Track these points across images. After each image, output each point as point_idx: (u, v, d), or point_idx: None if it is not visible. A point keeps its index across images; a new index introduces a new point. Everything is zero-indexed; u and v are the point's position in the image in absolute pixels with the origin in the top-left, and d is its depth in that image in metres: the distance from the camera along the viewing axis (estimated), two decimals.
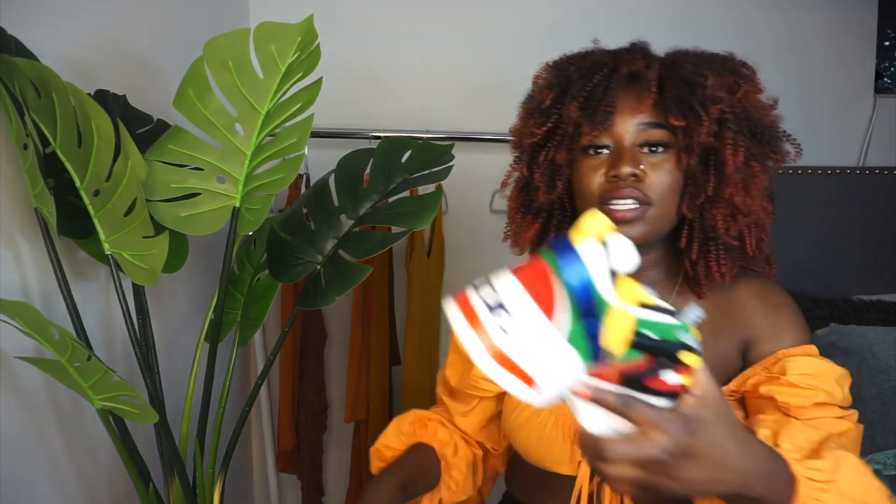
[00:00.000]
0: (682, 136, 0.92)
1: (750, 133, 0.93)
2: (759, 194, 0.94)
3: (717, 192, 0.92)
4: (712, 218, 0.94)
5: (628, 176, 0.90)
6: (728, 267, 0.96)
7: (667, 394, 0.63)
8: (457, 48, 1.91)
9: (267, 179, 1.23)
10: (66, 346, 0.99)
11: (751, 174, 0.93)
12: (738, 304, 0.97)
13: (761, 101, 0.96)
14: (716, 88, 0.91)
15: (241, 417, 1.32)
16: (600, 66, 0.95)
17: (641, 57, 0.95)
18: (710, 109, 0.90)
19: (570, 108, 0.94)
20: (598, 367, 0.61)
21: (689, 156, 0.92)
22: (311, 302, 1.29)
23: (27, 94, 1.00)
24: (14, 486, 1.12)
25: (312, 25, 1.15)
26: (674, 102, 0.91)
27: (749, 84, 0.95)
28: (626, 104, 0.93)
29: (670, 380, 0.62)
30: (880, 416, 1.52)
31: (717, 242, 0.95)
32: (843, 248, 1.91)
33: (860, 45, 1.94)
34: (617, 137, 0.93)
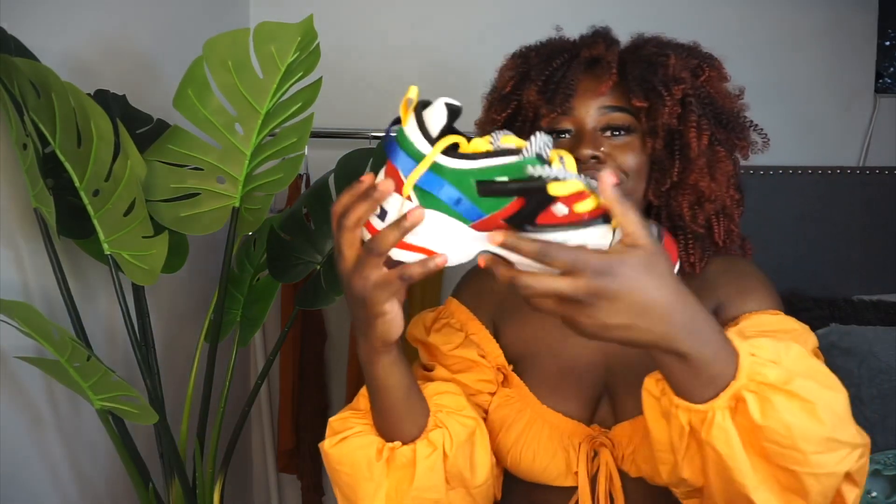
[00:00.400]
0: (646, 118, 0.90)
1: (714, 118, 0.92)
2: (725, 180, 0.92)
3: (682, 178, 0.91)
4: (678, 205, 0.92)
5: (588, 158, 0.88)
6: (697, 256, 0.94)
7: (589, 222, 0.64)
8: (457, 48, 1.91)
9: (267, 179, 1.23)
10: (66, 346, 0.99)
11: (715, 159, 0.91)
12: (707, 281, 0.95)
13: (726, 88, 0.95)
14: (678, 69, 0.90)
15: (241, 417, 1.32)
16: (561, 52, 0.94)
17: (602, 41, 0.94)
18: (672, 90, 0.89)
19: (529, 93, 0.92)
20: (479, 223, 0.66)
21: (654, 139, 0.90)
22: (311, 302, 1.29)
23: (27, 94, 1.00)
24: (13, 487, 1.12)
25: (312, 25, 1.15)
26: (636, 83, 0.89)
27: (713, 70, 0.93)
28: (587, 87, 0.91)
29: (560, 211, 0.64)
30: (880, 417, 1.52)
31: (685, 231, 0.94)
32: (843, 248, 1.91)
33: (860, 45, 1.94)
34: (578, 121, 0.91)
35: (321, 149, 1.81)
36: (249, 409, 1.33)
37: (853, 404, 0.88)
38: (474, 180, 0.65)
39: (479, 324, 1.03)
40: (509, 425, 0.96)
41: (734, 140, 0.93)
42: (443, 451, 0.85)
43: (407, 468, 0.84)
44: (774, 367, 0.68)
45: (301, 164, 1.26)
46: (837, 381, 0.71)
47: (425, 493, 0.84)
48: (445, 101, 0.66)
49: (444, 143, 0.65)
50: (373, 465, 0.84)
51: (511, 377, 0.99)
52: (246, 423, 1.34)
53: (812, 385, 0.67)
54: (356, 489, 0.85)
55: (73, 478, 1.26)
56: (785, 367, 0.68)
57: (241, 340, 1.42)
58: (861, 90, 1.96)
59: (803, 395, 0.66)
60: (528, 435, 0.94)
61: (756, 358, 0.68)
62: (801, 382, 0.67)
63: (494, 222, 0.66)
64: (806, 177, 1.90)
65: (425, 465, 0.84)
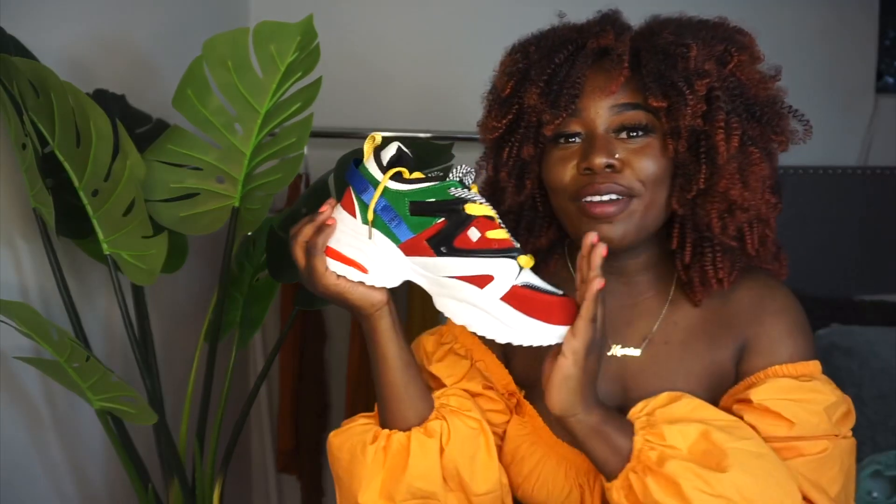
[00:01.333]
0: (666, 117, 0.79)
1: (746, 112, 0.81)
2: (760, 185, 0.81)
3: (709, 185, 0.80)
4: (706, 215, 0.81)
5: (602, 168, 0.79)
6: (726, 271, 0.84)
7: (498, 252, 0.74)
8: (457, 48, 1.90)
9: (266, 179, 1.22)
10: (65, 347, 0.99)
11: (748, 162, 0.80)
12: (734, 311, 0.86)
13: (759, 72, 0.83)
14: (701, 60, 0.79)
15: (241, 417, 1.32)
16: (564, 44, 0.83)
17: (611, 28, 0.83)
18: (695, 85, 0.78)
19: (530, 95, 0.82)
20: (406, 244, 0.76)
21: (676, 141, 0.80)
22: (311, 302, 1.29)
23: (26, 94, 1.00)
24: (13, 487, 1.12)
25: (312, 25, 1.14)
26: (652, 79, 0.79)
27: (743, 53, 0.82)
28: (596, 84, 0.81)
29: (473, 235, 0.74)
30: (881, 417, 1.52)
31: (712, 243, 0.83)
32: (844, 248, 1.91)
33: (860, 45, 1.94)
34: (588, 123, 0.81)
35: (321, 149, 1.80)
36: (249, 409, 1.33)
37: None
38: (409, 201, 0.76)
39: (484, 348, 0.94)
40: (521, 458, 0.91)
41: (770, 135, 0.82)
42: (439, 443, 0.84)
43: (401, 454, 0.83)
44: (657, 451, 0.75)
45: (301, 164, 1.26)
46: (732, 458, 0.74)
47: (418, 482, 0.82)
48: (398, 145, 0.80)
49: (393, 171, 0.77)
50: (367, 449, 0.83)
51: (524, 404, 0.92)
52: (246, 423, 1.33)
53: (685, 468, 0.73)
54: (352, 474, 0.84)
55: (72, 478, 1.26)
56: (672, 448, 0.75)
57: (241, 341, 1.42)
58: (861, 90, 1.96)
59: (672, 476, 0.73)
60: (540, 471, 0.89)
61: (647, 442, 0.76)
62: (673, 465, 0.73)
63: (419, 242, 0.76)
64: (806, 177, 1.90)
65: (419, 452, 0.82)
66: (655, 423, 0.77)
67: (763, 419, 0.80)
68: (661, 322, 0.88)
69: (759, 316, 0.85)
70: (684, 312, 0.88)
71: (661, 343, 0.88)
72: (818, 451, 0.79)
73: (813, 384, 0.81)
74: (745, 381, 0.83)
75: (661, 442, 0.75)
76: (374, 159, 0.79)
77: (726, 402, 0.84)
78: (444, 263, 0.75)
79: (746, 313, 0.86)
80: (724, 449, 0.74)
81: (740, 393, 0.83)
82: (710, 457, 0.74)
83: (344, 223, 0.80)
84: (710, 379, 0.86)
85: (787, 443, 0.79)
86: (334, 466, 0.88)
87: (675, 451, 0.74)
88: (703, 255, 0.84)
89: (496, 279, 0.73)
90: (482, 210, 0.75)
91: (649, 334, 0.89)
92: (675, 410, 0.79)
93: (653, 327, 0.88)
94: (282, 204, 1.85)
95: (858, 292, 1.85)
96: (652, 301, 0.89)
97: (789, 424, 0.79)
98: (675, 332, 0.88)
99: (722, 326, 0.87)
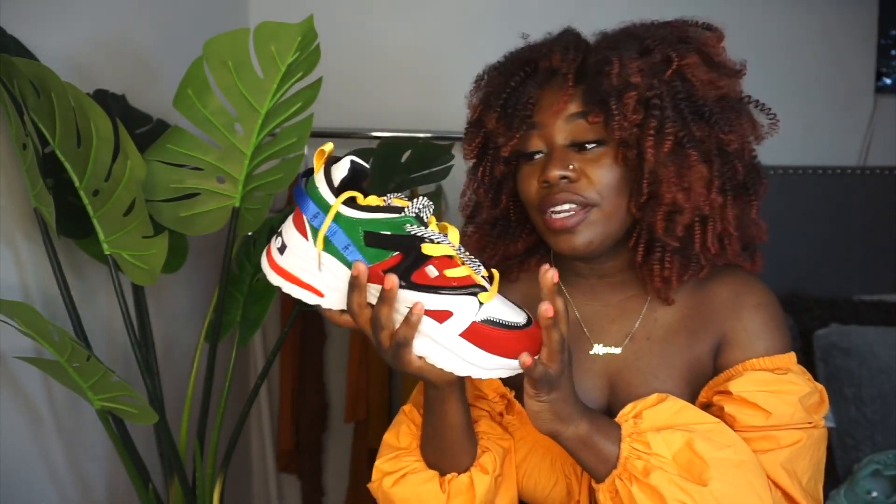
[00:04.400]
0: (611, 130, 0.83)
1: (693, 114, 0.83)
2: (700, 186, 0.83)
3: (651, 190, 0.83)
4: (652, 217, 0.85)
5: (558, 179, 0.83)
6: (674, 271, 0.86)
7: (458, 289, 0.72)
8: (457, 48, 1.90)
9: (266, 179, 1.23)
10: (66, 347, 0.99)
11: (686, 165, 0.82)
12: (713, 306, 0.90)
13: (708, 73, 0.84)
14: (629, 73, 0.82)
15: (241, 417, 1.32)
16: (521, 67, 0.88)
17: (557, 49, 0.87)
18: (623, 98, 0.81)
19: (489, 120, 0.88)
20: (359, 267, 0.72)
21: (626, 149, 0.83)
22: None
23: (26, 94, 1.00)
24: (13, 487, 1.12)
25: (312, 25, 1.14)
26: (589, 95, 0.83)
27: (689, 56, 0.84)
28: (548, 101, 0.85)
29: (431, 272, 0.72)
30: (881, 417, 1.52)
31: (662, 244, 0.87)
32: (843, 248, 1.91)
33: (860, 45, 1.94)
34: (547, 138, 0.85)
35: None
36: (249, 409, 1.33)
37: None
38: (363, 230, 0.72)
39: None
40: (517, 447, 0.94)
41: (719, 134, 0.83)
42: (492, 474, 0.88)
43: (467, 493, 0.87)
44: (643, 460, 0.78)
45: (301, 164, 1.26)
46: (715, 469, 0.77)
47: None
48: (351, 159, 0.75)
49: (346, 195, 0.73)
50: (439, 497, 0.87)
51: (513, 403, 0.95)
52: (246, 423, 1.33)
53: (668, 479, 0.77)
54: None
55: (72, 478, 1.26)
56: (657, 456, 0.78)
57: (241, 341, 1.42)
58: (861, 90, 1.96)
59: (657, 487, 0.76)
60: (529, 462, 0.93)
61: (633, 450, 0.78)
62: (657, 476, 0.76)
63: (375, 271, 0.72)
64: (806, 177, 1.90)
65: (482, 487, 0.87)
66: (642, 431, 0.80)
67: (742, 409, 0.84)
68: (642, 320, 0.92)
69: (736, 311, 0.89)
70: (664, 310, 0.92)
71: (642, 340, 0.91)
72: (793, 441, 0.83)
73: (788, 376, 0.85)
74: (724, 374, 0.87)
75: (647, 450, 0.78)
76: (324, 178, 0.74)
77: (707, 395, 0.88)
78: (402, 295, 0.72)
79: (724, 308, 0.89)
80: (707, 460, 0.77)
81: (720, 385, 0.87)
82: (692, 467, 0.78)
83: (294, 244, 0.75)
84: (691, 373, 0.89)
85: (765, 432, 0.83)
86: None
87: (659, 459, 0.78)
88: (653, 254, 0.87)
89: (455, 315, 0.72)
90: (440, 250, 0.72)
91: (631, 332, 0.92)
92: (661, 412, 0.82)
93: (634, 325, 0.92)
94: (282, 204, 1.85)
95: (858, 292, 1.85)
96: (633, 300, 0.93)
97: (766, 414, 0.83)
98: (656, 328, 0.91)
99: (701, 321, 0.90)
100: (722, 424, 0.82)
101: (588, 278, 0.93)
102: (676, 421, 0.81)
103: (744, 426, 0.83)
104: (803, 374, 0.88)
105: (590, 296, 0.94)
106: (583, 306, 0.94)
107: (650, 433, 0.79)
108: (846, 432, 1.54)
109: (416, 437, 0.92)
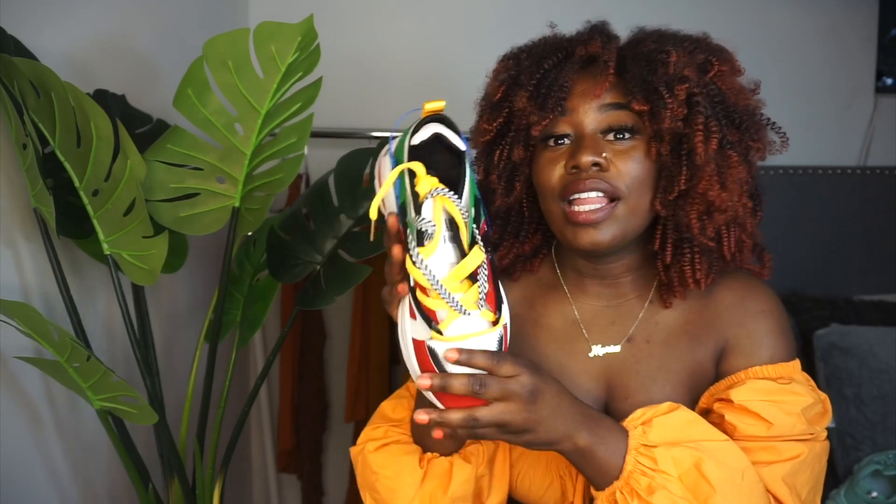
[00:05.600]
0: (649, 121, 0.82)
1: (726, 118, 0.84)
2: (737, 188, 0.83)
3: (689, 186, 0.82)
4: (686, 216, 0.84)
5: (590, 165, 0.81)
6: (703, 272, 0.86)
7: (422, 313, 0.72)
8: (457, 48, 1.90)
9: (266, 179, 1.23)
10: (66, 347, 0.99)
11: (726, 164, 0.83)
12: (716, 310, 0.89)
13: (739, 83, 0.86)
14: (681, 66, 0.82)
15: (241, 417, 1.32)
16: (553, 52, 0.87)
17: (598, 37, 0.86)
18: (675, 90, 0.81)
19: (519, 99, 0.85)
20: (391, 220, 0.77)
21: (660, 144, 0.83)
22: (311, 302, 1.29)
23: (26, 94, 1.00)
24: (12, 487, 1.12)
25: (312, 25, 1.14)
26: (635, 84, 0.82)
27: (724, 64, 0.85)
28: (583, 88, 0.84)
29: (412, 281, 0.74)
30: (881, 417, 1.52)
31: (691, 244, 0.86)
32: (843, 248, 1.91)
33: (860, 45, 1.94)
34: (576, 124, 0.84)
35: (321, 149, 1.80)
36: (249, 409, 1.33)
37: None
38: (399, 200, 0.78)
39: None
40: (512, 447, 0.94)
41: (748, 142, 0.85)
42: (475, 468, 0.88)
43: (443, 478, 0.87)
44: (648, 477, 0.76)
45: (301, 164, 1.26)
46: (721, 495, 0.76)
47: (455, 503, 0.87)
48: (436, 132, 0.78)
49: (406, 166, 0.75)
50: (416, 472, 0.87)
51: None
52: (246, 423, 1.33)
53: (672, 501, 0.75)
54: (396, 492, 0.88)
55: (72, 478, 1.26)
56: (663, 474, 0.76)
57: (241, 340, 1.42)
58: (861, 90, 1.96)
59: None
60: (523, 463, 0.93)
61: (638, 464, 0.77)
62: (660, 496, 0.75)
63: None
64: (806, 177, 1.90)
65: (461, 477, 0.87)
66: (650, 444, 0.79)
67: (743, 419, 0.83)
68: (643, 322, 0.91)
69: (740, 317, 0.88)
70: (665, 312, 0.91)
71: (642, 342, 0.90)
72: (794, 454, 0.82)
73: (792, 386, 0.84)
74: (726, 381, 0.86)
75: (653, 466, 0.77)
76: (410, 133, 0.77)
77: (707, 401, 0.87)
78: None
79: (728, 313, 0.88)
80: (714, 485, 0.76)
81: (721, 392, 0.86)
82: (699, 490, 0.77)
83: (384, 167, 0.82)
84: (691, 378, 0.88)
85: (766, 442, 0.82)
86: (370, 479, 0.90)
87: (665, 477, 0.77)
88: (683, 255, 0.86)
89: (416, 321, 0.73)
90: (417, 276, 0.72)
91: (630, 334, 0.91)
92: (672, 422, 0.81)
93: (634, 327, 0.91)
94: (282, 204, 1.85)
95: (858, 292, 1.85)
96: (634, 302, 0.92)
97: (768, 425, 0.82)
98: (657, 331, 0.90)
99: (703, 326, 0.89)
100: (732, 443, 0.81)
101: (590, 277, 0.93)
102: (686, 435, 0.80)
103: (744, 436, 0.82)
104: (807, 383, 0.86)
105: (590, 295, 0.93)
106: (583, 306, 0.94)
107: (659, 449, 0.78)
108: (846, 432, 1.54)
109: (411, 412, 0.92)
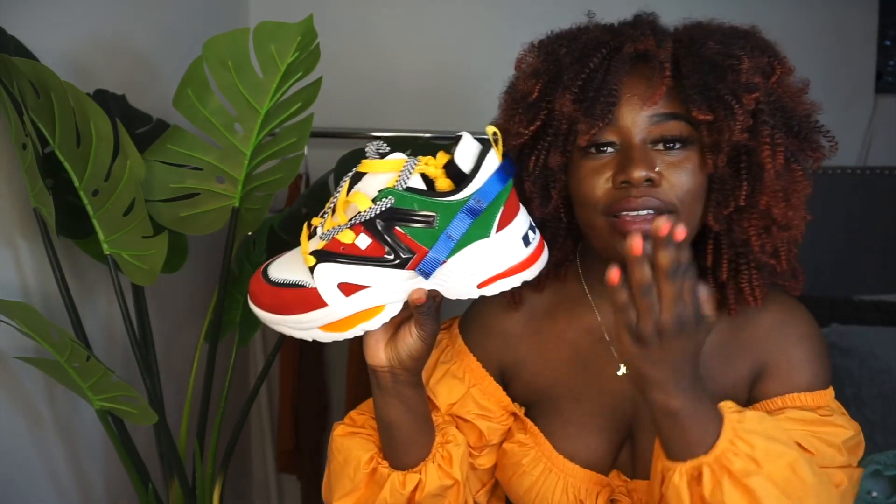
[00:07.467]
0: (708, 131, 0.75)
1: (786, 127, 0.77)
2: (801, 204, 0.78)
3: (750, 202, 0.76)
4: (744, 231, 0.78)
5: (642, 181, 0.74)
6: (761, 289, 0.81)
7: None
8: (457, 47, 1.90)
9: (266, 179, 1.22)
10: (65, 347, 0.99)
11: (793, 179, 0.76)
12: (756, 334, 0.84)
13: (795, 86, 0.80)
14: (752, 73, 0.74)
15: (241, 417, 1.32)
16: (598, 46, 0.78)
17: (650, 32, 0.78)
18: (743, 99, 0.73)
19: (563, 101, 0.77)
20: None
21: (716, 155, 0.75)
22: None
23: (26, 94, 1.00)
24: (13, 487, 1.12)
25: (312, 25, 1.14)
26: (697, 91, 0.74)
27: (783, 65, 0.78)
28: (634, 91, 0.76)
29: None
30: (881, 417, 1.52)
31: (748, 260, 0.80)
32: (843, 248, 1.91)
33: (860, 45, 1.94)
34: (624, 133, 0.76)
35: (321, 148, 1.80)
36: (249, 409, 1.33)
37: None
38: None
39: (482, 372, 0.93)
40: (522, 473, 0.90)
41: (807, 151, 0.78)
42: (411, 493, 0.86)
43: (377, 486, 0.86)
44: (743, 460, 0.69)
45: (301, 164, 1.26)
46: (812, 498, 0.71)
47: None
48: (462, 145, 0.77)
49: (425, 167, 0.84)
50: (359, 470, 0.87)
51: (525, 421, 0.91)
52: (246, 423, 1.33)
53: (770, 489, 0.68)
54: (339, 480, 0.88)
55: (72, 478, 1.26)
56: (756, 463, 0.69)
57: (241, 340, 1.42)
58: (861, 90, 1.96)
59: (756, 491, 0.68)
60: (540, 486, 0.88)
61: (732, 446, 0.70)
62: (758, 481, 0.68)
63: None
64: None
65: (389, 492, 0.86)
66: (749, 431, 0.72)
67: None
68: None
69: (780, 342, 0.83)
70: None
71: None
72: (836, 484, 0.78)
73: (833, 417, 0.81)
74: (761, 405, 0.82)
75: (750, 452, 0.70)
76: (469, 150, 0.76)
77: None
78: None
79: (767, 337, 0.84)
80: (808, 486, 0.70)
81: None
82: (791, 488, 0.70)
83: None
84: (724, 399, 0.82)
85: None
86: (328, 459, 0.91)
87: (759, 466, 0.70)
88: (740, 272, 0.81)
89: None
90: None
91: None
92: (765, 420, 0.75)
93: None
94: (282, 204, 1.85)
95: (858, 292, 1.85)
96: None
97: (809, 456, 0.77)
98: None
99: (739, 348, 0.85)
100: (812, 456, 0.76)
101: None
102: (780, 436, 0.73)
103: None
104: (844, 414, 0.83)
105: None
106: (610, 320, 0.88)
107: (758, 437, 0.71)
108: None
109: None
